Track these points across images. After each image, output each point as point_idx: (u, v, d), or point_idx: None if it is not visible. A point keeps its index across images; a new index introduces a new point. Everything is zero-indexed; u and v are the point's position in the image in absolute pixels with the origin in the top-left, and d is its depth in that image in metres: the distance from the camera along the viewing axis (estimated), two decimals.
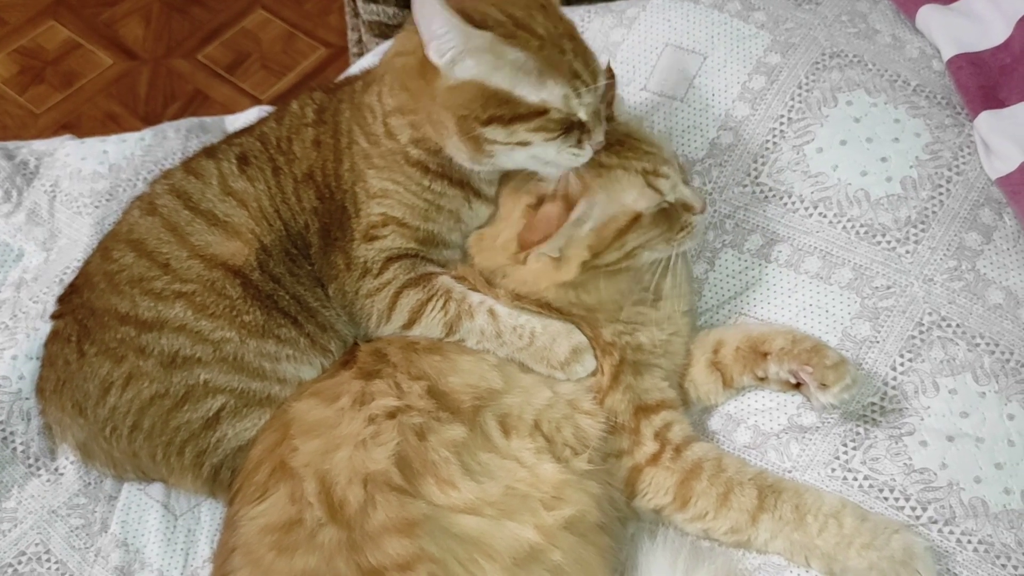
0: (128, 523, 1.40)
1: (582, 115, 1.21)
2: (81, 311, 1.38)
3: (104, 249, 1.42)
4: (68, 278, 1.52)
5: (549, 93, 1.19)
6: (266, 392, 1.34)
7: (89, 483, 1.43)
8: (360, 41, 2.18)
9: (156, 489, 1.43)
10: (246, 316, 1.33)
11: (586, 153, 1.24)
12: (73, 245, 1.61)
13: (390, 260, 1.34)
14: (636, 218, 1.28)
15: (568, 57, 1.20)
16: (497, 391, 1.26)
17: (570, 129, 1.22)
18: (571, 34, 1.24)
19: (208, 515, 1.42)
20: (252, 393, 1.33)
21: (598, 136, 1.24)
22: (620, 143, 1.32)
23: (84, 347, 1.36)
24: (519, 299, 1.32)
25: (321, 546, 1.14)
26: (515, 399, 1.26)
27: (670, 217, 1.31)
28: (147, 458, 1.37)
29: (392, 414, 1.21)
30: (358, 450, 1.19)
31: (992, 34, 1.47)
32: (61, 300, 1.44)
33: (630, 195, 1.28)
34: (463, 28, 1.15)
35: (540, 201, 1.29)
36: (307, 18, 3.06)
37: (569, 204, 1.25)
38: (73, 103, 2.88)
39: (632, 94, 1.58)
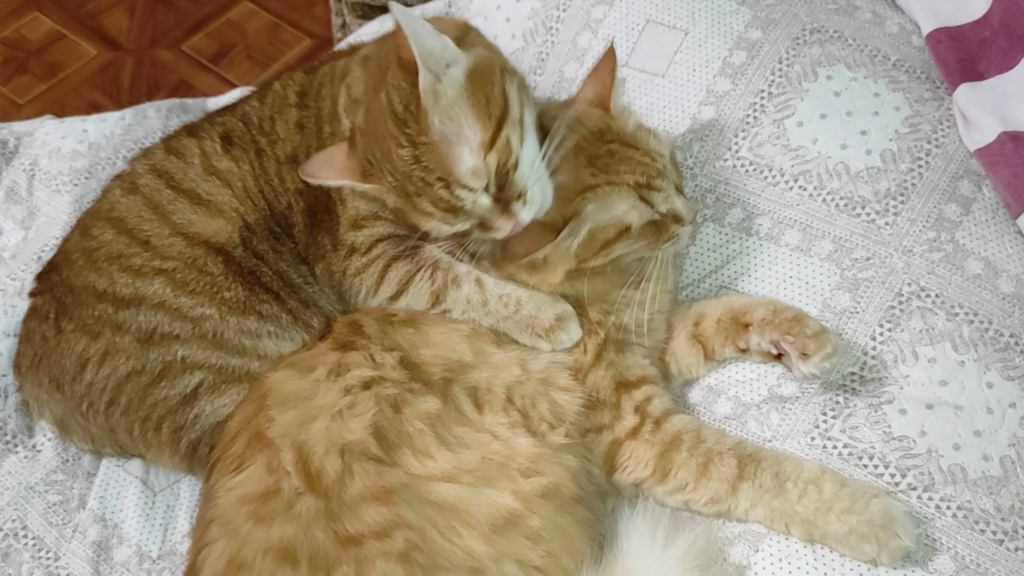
0: (106, 499, 1.39)
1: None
2: (59, 288, 1.38)
3: (83, 227, 1.42)
4: (47, 256, 1.51)
5: None
6: (245, 368, 1.33)
7: (67, 460, 1.43)
8: (344, 25, 2.18)
9: (135, 465, 1.43)
10: (227, 292, 1.32)
11: None
12: (52, 223, 1.60)
13: (378, 241, 1.34)
14: (626, 229, 1.27)
15: None
16: (467, 364, 1.25)
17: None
18: None
19: (187, 491, 1.41)
20: (231, 369, 1.33)
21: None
22: (611, 154, 1.27)
23: (62, 323, 1.35)
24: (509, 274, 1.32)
25: (299, 515, 1.13)
26: (483, 374, 1.25)
27: (658, 228, 1.29)
28: (124, 434, 1.36)
29: (367, 384, 1.20)
30: (335, 421, 1.18)
31: (971, 8, 1.47)
32: (39, 278, 1.43)
33: (621, 208, 1.26)
34: None
35: None
36: (292, 9, 3.06)
37: (555, 224, 1.23)
38: (57, 93, 2.88)
39: None
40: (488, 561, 1.15)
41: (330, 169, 1.24)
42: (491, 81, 1.17)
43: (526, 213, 1.19)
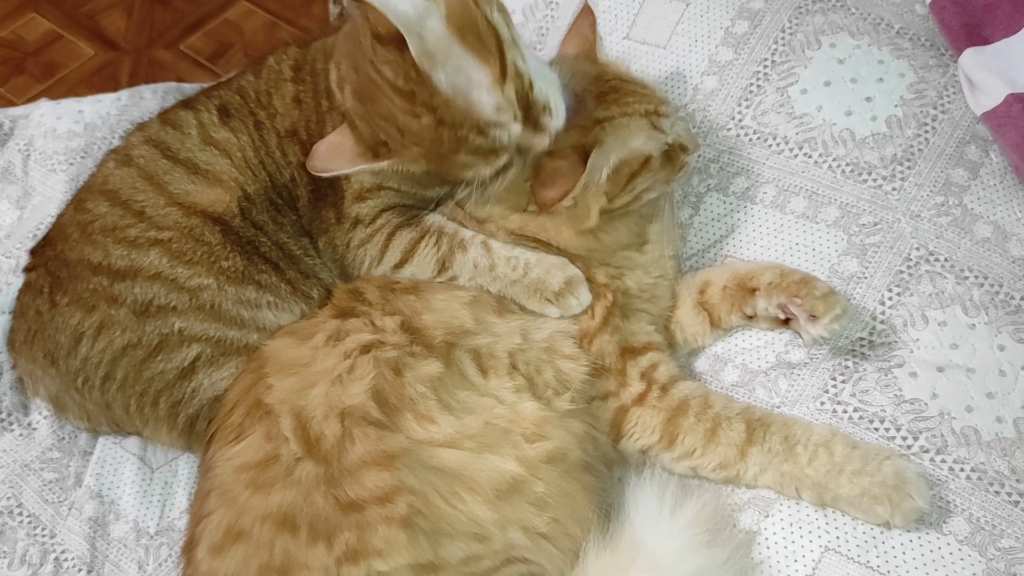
0: (103, 475, 1.37)
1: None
2: (54, 263, 1.35)
3: (78, 201, 1.40)
4: (42, 234, 1.49)
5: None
6: (244, 341, 1.31)
7: (63, 437, 1.40)
8: (342, 14, 2.16)
9: (132, 443, 1.40)
10: (225, 262, 1.30)
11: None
12: (47, 202, 1.58)
13: (382, 211, 1.32)
14: (646, 161, 1.27)
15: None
16: (468, 330, 1.23)
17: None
18: None
19: (186, 468, 1.39)
20: (229, 342, 1.30)
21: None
22: (616, 89, 1.30)
23: (56, 297, 1.33)
24: (514, 235, 1.30)
25: (298, 481, 1.11)
26: (485, 339, 1.23)
27: (671, 159, 1.30)
28: (120, 409, 1.34)
29: (367, 348, 1.18)
30: (334, 386, 1.16)
31: None
32: (34, 252, 1.41)
33: (639, 139, 1.26)
34: None
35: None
36: (290, 8, 3.04)
37: (580, 156, 1.23)
38: (54, 94, 2.85)
39: (615, 43, 1.56)
40: (493, 527, 1.12)
41: (341, 159, 1.21)
42: (472, 17, 1.14)
43: (556, 122, 1.19)
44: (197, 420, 1.32)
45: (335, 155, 1.21)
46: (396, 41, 1.11)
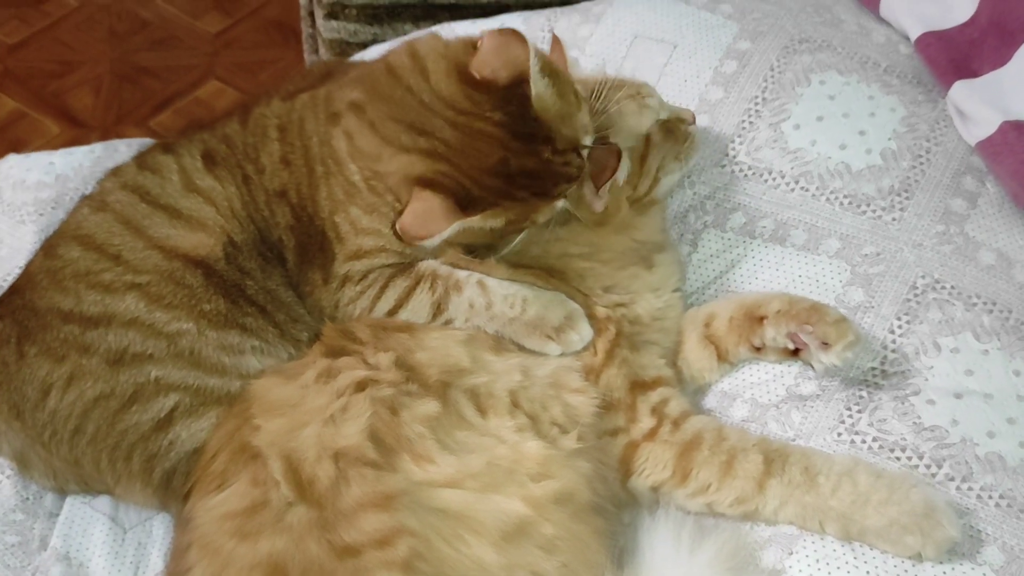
0: (71, 537, 1.26)
1: None
2: (22, 312, 1.28)
3: (48, 247, 1.33)
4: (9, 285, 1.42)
5: None
6: (225, 389, 1.23)
7: (27, 498, 1.30)
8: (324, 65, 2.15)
9: (103, 502, 1.30)
10: (206, 305, 1.23)
11: None
12: (15, 253, 1.51)
13: (374, 269, 1.27)
14: (647, 140, 1.32)
15: None
16: (464, 370, 1.17)
17: None
18: None
19: (161, 528, 1.29)
20: (209, 390, 1.23)
21: None
22: (597, 95, 1.30)
23: (24, 348, 1.25)
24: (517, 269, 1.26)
25: (290, 527, 1.03)
26: (482, 379, 1.17)
27: (672, 132, 1.35)
28: (91, 465, 1.24)
29: (361, 386, 1.12)
30: (327, 426, 1.09)
31: (957, 12, 1.48)
32: (1, 302, 1.33)
33: (632, 120, 1.30)
34: None
35: None
36: (261, 86, 3.03)
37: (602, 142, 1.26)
38: None
39: None
40: (499, 572, 1.05)
41: (438, 220, 1.16)
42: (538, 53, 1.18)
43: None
44: (174, 475, 1.23)
45: (430, 220, 1.17)
46: (497, 88, 1.15)
